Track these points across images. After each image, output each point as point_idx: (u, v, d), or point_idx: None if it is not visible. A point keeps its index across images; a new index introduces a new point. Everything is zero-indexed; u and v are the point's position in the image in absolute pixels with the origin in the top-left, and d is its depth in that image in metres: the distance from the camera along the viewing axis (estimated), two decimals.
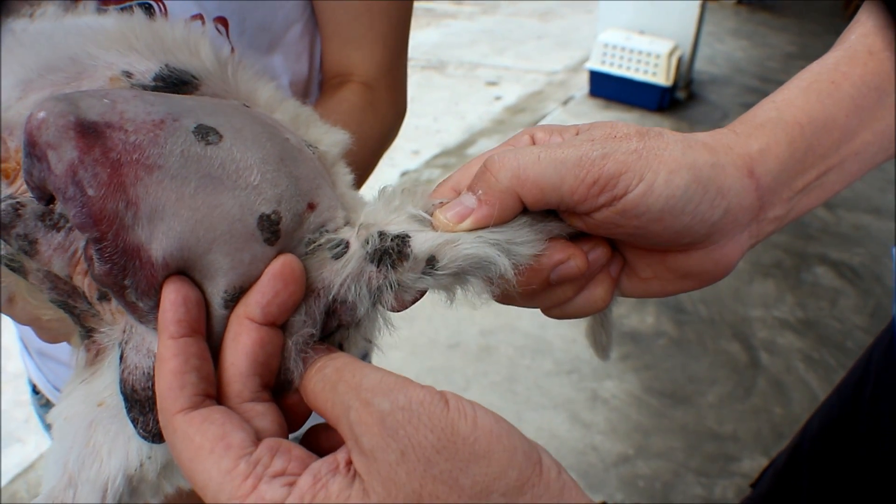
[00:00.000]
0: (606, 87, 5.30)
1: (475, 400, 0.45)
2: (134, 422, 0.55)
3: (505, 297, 0.59)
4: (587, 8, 7.13)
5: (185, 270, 0.51)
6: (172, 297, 0.49)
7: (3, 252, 0.57)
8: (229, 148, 0.52)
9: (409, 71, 1.15)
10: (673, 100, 5.33)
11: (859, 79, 0.57)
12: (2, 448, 2.67)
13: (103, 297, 0.57)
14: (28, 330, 1.11)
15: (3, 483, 2.54)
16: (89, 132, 0.48)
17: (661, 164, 0.52)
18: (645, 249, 0.60)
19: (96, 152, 0.48)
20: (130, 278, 0.50)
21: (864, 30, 0.60)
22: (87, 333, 0.63)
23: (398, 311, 0.58)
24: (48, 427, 1.27)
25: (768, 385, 2.96)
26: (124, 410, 0.56)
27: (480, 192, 0.54)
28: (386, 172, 4.43)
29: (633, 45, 5.01)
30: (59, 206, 0.53)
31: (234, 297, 0.52)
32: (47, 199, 0.52)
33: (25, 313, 0.65)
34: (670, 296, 0.62)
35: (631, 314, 3.32)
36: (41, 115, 0.48)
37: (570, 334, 3.15)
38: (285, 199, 0.53)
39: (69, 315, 0.63)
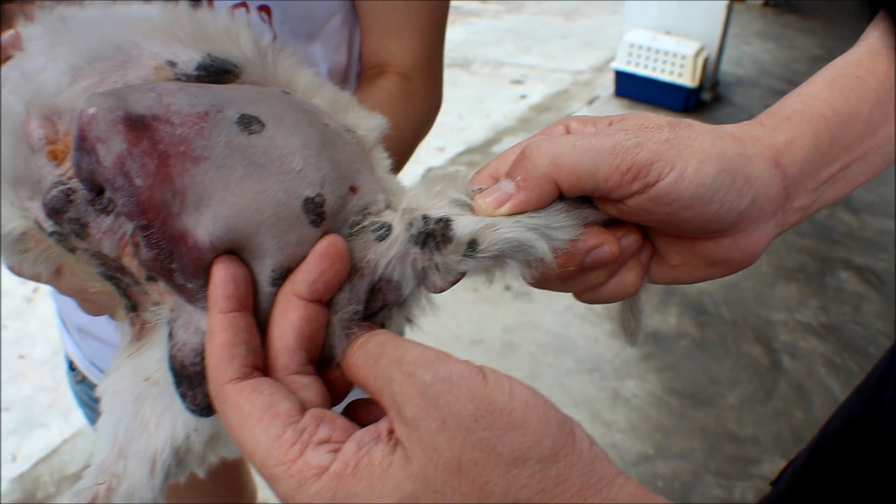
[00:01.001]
0: (632, 88, 5.29)
1: None
2: (183, 396, 0.57)
3: (541, 281, 0.61)
4: (612, 8, 7.12)
5: (232, 252, 0.53)
6: (222, 274, 0.51)
7: (52, 228, 0.58)
8: (272, 135, 0.54)
9: None
10: (699, 101, 5.32)
11: (883, 74, 0.59)
12: (26, 433, 2.70)
13: (151, 278, 0.59)
14: (69, 306, 1.14)
15: (27, 467, 2.57)
16: (137, 125, 0.50)
17: (691, 154, 0.54)
18: (674, 237, 0.62)
19: (144, 144, 0.50)
20: (177, 262, 0.52)
21: (885, 26, 0.61)
22: (133, 307, 0.65)
23: (438, 293, 0.60)
24: (81, 402, 1.30)
25: (790, 389, 2.95)
26: (173, 386, 0.58)
27: (519, 178, 0.56)
28: (410, 168, 4.41)
29: (659, 45, 4.99)
30: (107, 195, 0.55)
31: (282, 276, 0.54)
32: (97, 189, 0.54)
33: (71, 285, 0.67)
34: (698, 282, 0.64)
35: (654, 315, 3.32)
36: (91, 110, 0.50)
37: (592, 333, 3.16)
38: (328, 183, 0.55)
39: (115, 289, 0.64)
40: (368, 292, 0.58)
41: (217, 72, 0.61)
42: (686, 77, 4.97)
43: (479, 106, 5.39)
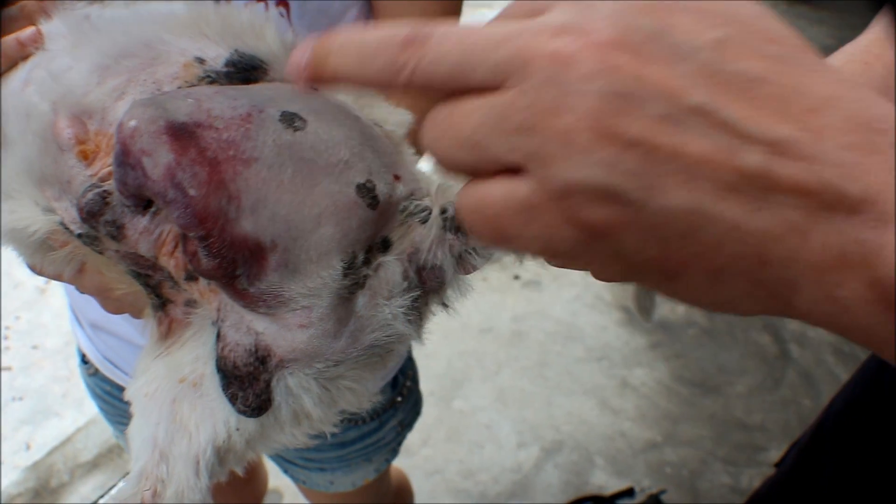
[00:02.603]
0: None
1: (506, 384, 0.46)
2: (232, 398, 0.58)
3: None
4: None
5: (294, 249, 0.53)
6: None
7: (81, 230, 0.59)
8: (315, 130, 0.54)
9: None
10: None
11: (889, 60, 0.60)
12: (39, 422, 2.73)
13: (191, 278, 0.60)
14: (82, 301, 1.15)
15: (40, 456, 2.59)
16: (182, 134, 0.49)
17: None
18: None
19: (192, 152, 0.49)
20: (242, 268, 0.52)
21: (893, 15, 0.63)
22: (161, 305, 0.65)
23: (472, 273, 0.62)
24: (94, 394, 1.32)
25: (798, 377, 2.96)
26: (220, 387, 0.59)
27: None
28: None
29: None
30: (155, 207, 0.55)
31: (352, 264, 0.55)
32: (144, 203, 0.54)
33: (94, 284, 0.67)
34: None
35: (662, 303, 3.33)
36: (132, 123, 0.49)
37: (601, 321, 3.16)
38: (374, 170, 0.56)
39: (144, 287, 0.65)
40: (417, 276, 0.60)
41: (245, 68, 0.61)
42: None
43: None
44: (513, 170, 0.39)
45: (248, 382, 0.57)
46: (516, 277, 3.39)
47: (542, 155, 0.37)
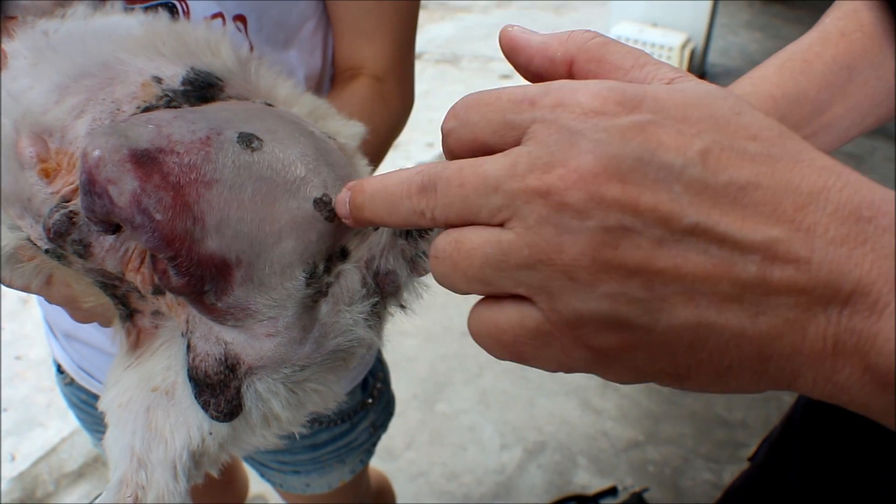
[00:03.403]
0: None
1: (488, 386, 0.48)
2: (205, 405, 0.60)
3: None
4: (600, 1, 7.13)
5: (258, 264, 0.55)
6: None
7: (48, 247, 0.60)
8: (271, 150, 0.56)
9: (424, 65, 1.19)
10: None
11: (831, 58, 0.62)
12: (24, 432, 2.73)
13: (158, 291, 0.62)
14: (54, 312, 1.16)
15: (25, 466, 2.59)
16: (145, 160, 0.51)
17: None
18: None
19: (156, 178, 0.51)
20: (210, 284, 0.54)
21: (838, 13, 0.64)
22: (129, 315, 0.67)
23: (425, 275, 0.64)
24: (71, 403, 1.33)
25: None
26: (193, 395, 0.61)
27: None
28: (400, 164, 4.45)
29: (646, 37, 5.01)
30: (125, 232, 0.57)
31: (313, 275, 0.58)
32: (113, 228, 0.55)
33: (62, 294, 0.68)
34: None
35: None
36: (96, 153, 0.50)
37: None
38: (329, 184, 0.58)
39: (111, 298, 0.66)
40: (374, 282, 0.62)
41: (202, 86, 0.62)
42: None
43: None
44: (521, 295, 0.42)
45: (219, 389, 0.59)
46: None
47: (548, 289, 0.40)
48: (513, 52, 0.49)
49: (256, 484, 2.06)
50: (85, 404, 1.32)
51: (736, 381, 0.40)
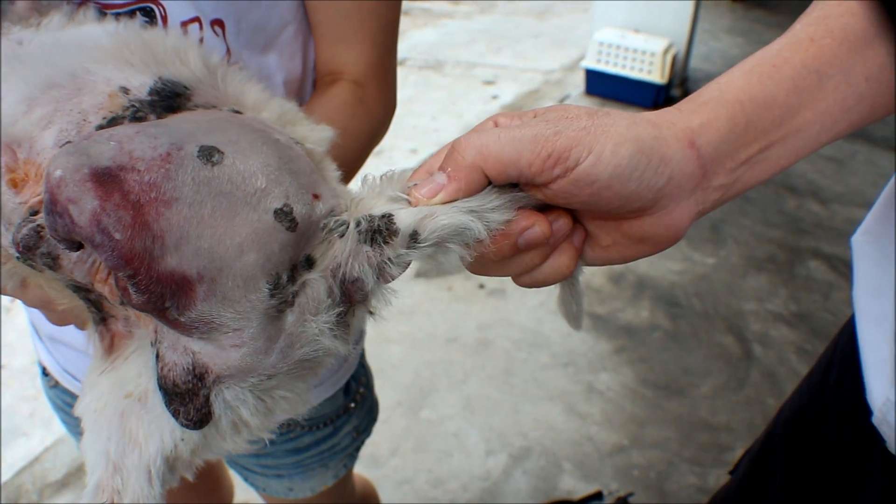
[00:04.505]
0: (602, 86, 5.32)
1: (473, 392, 0.49)
2: (175, 413, 0.60)
3: (479, 265, 0.65)
4: (584, 7, 7.16)
5: (221, 279, 0.55)
6: None
7: (16, 254, 0.61)
8: (232, 163, 0.56)
9: (407, 71, 1.19)
10: (668, 97, 5.36)
11: (799, 63, 0.62)
12: (7, 442, 2.71)
13: (125, 302, 0.62)
14: (39, 314, 1.16)
15: (9, 476, 2.58)
16: (106, 179, 0.51)
17: (608, 138, 0.59)
18: (602, 218, 0.66)
19: (116, 197, 0.51)
20: (170, 300, 0.54)
21: (808, 20, 0.65)
22: (102, 319, 0.67)
23: (392, 281, 0.64)
24: (56, 406, 1.34)
25: (761, 377, 3.00)
26: (163, 404, 0.61)
27: (449, 169, 0.61)
28: (383, 171, 4.45)
29: (628, 43, 5.04)
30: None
31: (277, 286, 0.58)
32: (76, 246, 0.55)
33: (38, 297, 0.69)
34: (630, 261, 0.68)
35: (626, 308, 3.36)
36: (58, 173, 0.51)
37: (565, 328, 3.19)
38: (292, 193, 0.59)
39: (84, 301, 0.67)
40: (341, 291, 0.62)
41: (169, 95, 0.63)
42: (655, 74, 5.01)
43: (451, 107, 5.41)
44: None
45: (188, 398, 0.60)
46: (481, 286, 3.41)
47: None
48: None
49: (242, 491, 2.06)
50: (69, 406, 1.32)
51: None
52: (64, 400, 1.33)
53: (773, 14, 6.52)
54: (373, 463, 2.54)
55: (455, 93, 5.69)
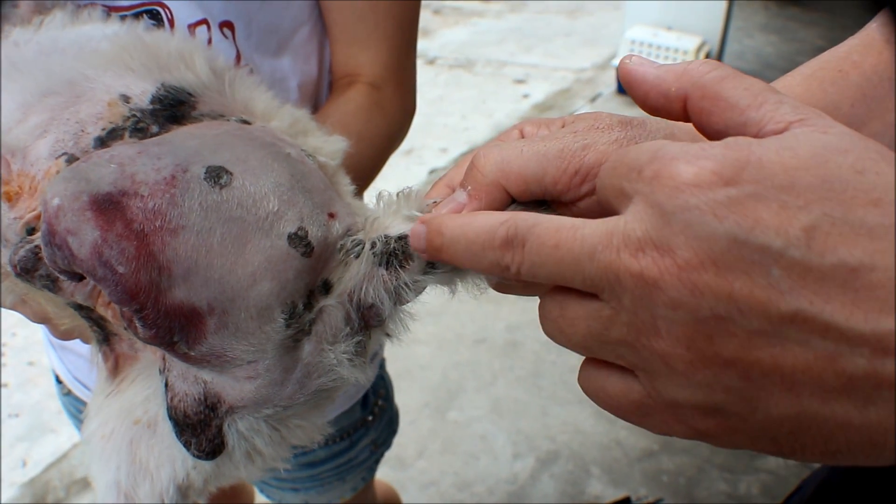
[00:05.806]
0: None
1: (501, 394, 0.48)
2: (186, 444, 0.58)
3: (503, 286, 0.60)
4: (615, 5, 7.10)
5: (233, 310, 0.52)
6: None
7: (15, 273, 0.58)
8: (241, 184, 0.53)
9: (438, 70, 1.16)
10: None
11: (870, 68, 0.57)
12: (36, 438, 2.73)
13: (133, 334, 0.59)
14: None
15: (37, 472, 2.60)
16: (107, 206, 0.48)
17: None
18: None
19: (118, 226, 0.48)
20: (179, 335, 0.51)
21: (885, 18, 0.60)
22: (105, 339, 0.65)
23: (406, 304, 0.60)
24: (70, 413, 1.33)
25: None
26: (174, 435, 0.58)
27: (469, 187, 0.55)
28: (414, 170, 4.45)
29: (661, 41, 4.99)
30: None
31: (292, 316, 0.55)
32: (78, 277, 0.52)
33: (37, 314, 0.67)
34: None
35: None
36: (55, 201, 0.48)
37: None
38: (306, 214, 0.55)
39: (87, 320, 0.64)
40: (358, 315, 0.59)
41: (172, 103, 0.59)
42: None
43: (481, 106, 5.38)
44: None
45: (200, 429, 0.57)
46: None
47: (647, 370, 0.40)
48: (629, 85, 0.48)
49: (259, 495, 2.05)
50: (82, 414, 1.31)
51: (850, 460, 0.38)
52: (77, 407, 1.32)
53: (807, 11, 6.43)
54: (399, 465, 2.53)
55: (485, 92, 5.66)
